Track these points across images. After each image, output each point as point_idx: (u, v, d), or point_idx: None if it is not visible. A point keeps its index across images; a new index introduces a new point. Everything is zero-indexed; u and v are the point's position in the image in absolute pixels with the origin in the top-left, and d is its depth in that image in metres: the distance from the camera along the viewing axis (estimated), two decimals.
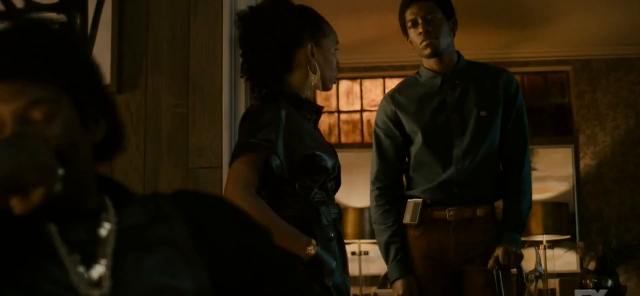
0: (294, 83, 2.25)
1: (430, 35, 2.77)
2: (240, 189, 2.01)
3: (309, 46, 2.25)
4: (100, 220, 1.09)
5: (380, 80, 6.47)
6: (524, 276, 2.79)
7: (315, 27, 2.28)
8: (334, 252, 2.13)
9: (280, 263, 1.20)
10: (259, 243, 1.19)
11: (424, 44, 2.78)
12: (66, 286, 1.01)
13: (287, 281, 1.18)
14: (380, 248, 2.88)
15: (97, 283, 1.02)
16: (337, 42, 2.34)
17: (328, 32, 2.31)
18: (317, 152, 2.16)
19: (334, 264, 2.10)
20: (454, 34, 2.87)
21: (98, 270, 1.03)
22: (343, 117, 6.53)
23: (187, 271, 1.07)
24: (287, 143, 2.11)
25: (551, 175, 6.12)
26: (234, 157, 2.12)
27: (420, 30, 2.78)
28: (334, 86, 2.76)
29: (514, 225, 2.77)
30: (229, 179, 2.07)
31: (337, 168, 2.25)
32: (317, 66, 2.25)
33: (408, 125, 2.84)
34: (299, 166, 2.12)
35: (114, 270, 1.04)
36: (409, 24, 2.82)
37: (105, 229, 1.08)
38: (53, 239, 1.04)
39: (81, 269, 1.03)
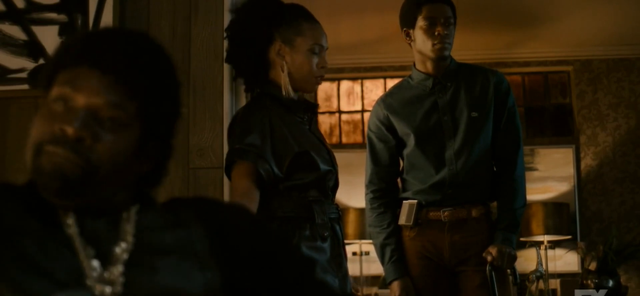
0: (279, 82, 2.22)
1: (446, 39, 2.78)
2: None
3: (277, 43, 2.21)
4: (120, 219, 1.11)
5: (381, 81, 6.47)
6: (518, 276, 2.79)
7: (288, 25, 2.21)
8: (324, 252, 2.13)
9: (299, 267, 1.21)
10: (277, 249, 1.20)
11: (438, 46, 2.77)
12: (79, 278, 1.02)
13: (306, 285, 1.20)
14: (376, 251, 2.90)
15: (110, 281, 1.03)
16: (319, 44, 2.24)
17: (306, 32, 2.22)
18: (308, 150, 2.15)
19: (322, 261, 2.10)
20: None
21: (112, 268, 1.05)
22: (344, 117, 6.53)
23: (199, 276, 1.09)
24: (274, 145, 2.10)
25: (552, 176, 6.12)
26: (226, 165, 2.14)
27: (439, 31, 2.76)
28: (335, 86, 2.74)
29: (507, 226, 2.77)
30: (234, 197, 2.07)
31: (333, 166, 2.23)
32: (284, 65, 2.20)
33: (400, 128, 2.84)
34: (289, 165, 2.12)
35: (128, 269, 1.05)
36: (426, 21, 2.77)
37: (123, 228, 1.10)
38: (70, 230, 1.06)
39: (95, 264, 1.04)
